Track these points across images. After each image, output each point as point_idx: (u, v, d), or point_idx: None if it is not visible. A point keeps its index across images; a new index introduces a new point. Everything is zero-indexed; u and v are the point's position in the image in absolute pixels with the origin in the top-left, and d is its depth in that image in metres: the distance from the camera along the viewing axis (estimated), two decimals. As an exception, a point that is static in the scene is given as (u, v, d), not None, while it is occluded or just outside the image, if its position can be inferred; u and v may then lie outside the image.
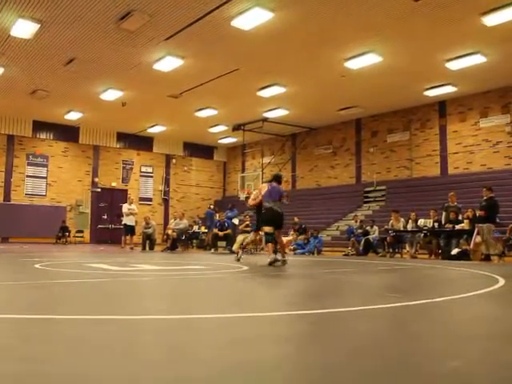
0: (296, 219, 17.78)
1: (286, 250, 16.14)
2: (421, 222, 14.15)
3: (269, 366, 1.97)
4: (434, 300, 4.13)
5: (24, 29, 12.84)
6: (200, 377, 1.82)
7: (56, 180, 23.67)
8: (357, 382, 1.78)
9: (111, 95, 18.52)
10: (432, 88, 17.52)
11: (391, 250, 14.46)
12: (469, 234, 12.57)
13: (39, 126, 23.05)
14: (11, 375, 1.78)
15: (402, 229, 14.33)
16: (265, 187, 9.53)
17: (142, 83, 17.21)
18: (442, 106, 19.27)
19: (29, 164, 23.02)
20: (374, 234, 15.21)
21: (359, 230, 15.71)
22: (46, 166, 23.43)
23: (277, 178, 9.64)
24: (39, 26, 12.67)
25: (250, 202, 10.42)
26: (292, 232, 17.11)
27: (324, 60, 14.95)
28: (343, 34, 13.12)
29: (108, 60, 15.13)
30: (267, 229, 9.39)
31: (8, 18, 12.39)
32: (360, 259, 12.55)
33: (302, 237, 16.33)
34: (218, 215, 17.49)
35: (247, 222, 16.14)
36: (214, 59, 14.97)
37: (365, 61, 14.76)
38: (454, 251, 12.29)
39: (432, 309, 3.71)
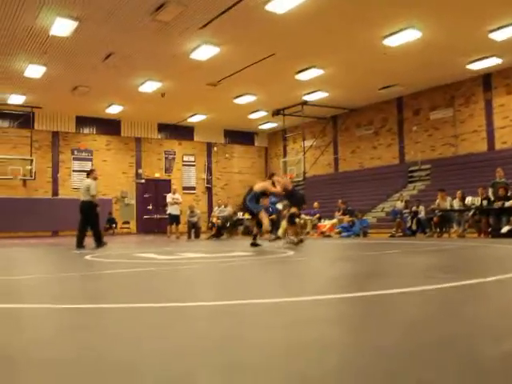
0: (340, 202, 17.64)
1: (332, 233, 16.11)
2: (468, 200, 13.84)
3: (321, 349, 1.99)
4: (485, 280, 4.06)
5: (62, 27, 13.11)
6: (253, 362, 1.85)
7: (101, 173, 24.18)
8: (409, 364, 1.78)
9: (150, 87, 18.74)
10: (475, 61, 16.99)
11: (439, 230, 14.22)
12: (520, 210, 12.23)
13: (82, 121, 23.60)
14: (70, 361, 1.86)
15: (448, 208, 14.07)
16: (286, 179, 10.70)
17: (179, 73, 17.35)
18: (486, 79, 18.68)
19: (74, 159, 23.61)
20: (421, 214, 14.99)
21: (406, 210, 15.51)
22: (90, 160, 23.97)
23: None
24: (77, 23, 12.91)
25: (280, 190, 10.32)
26: (337, 213, 17.00)
27: (361, 39, 14.70)
28: (379, 10, 12.86)
29: (145, 52, 15.30)
30: (294, 209, 10.19)
31: (47, 18, 12.67)
32: (407, 240, 12.39)
33: (347, 218, 16.21)
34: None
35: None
36: (249, 45, 14.94)
37: (403, 37, 14.44)
38: (505, 229, 12.00)
39: (484, 289, 3.65)
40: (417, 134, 21.12)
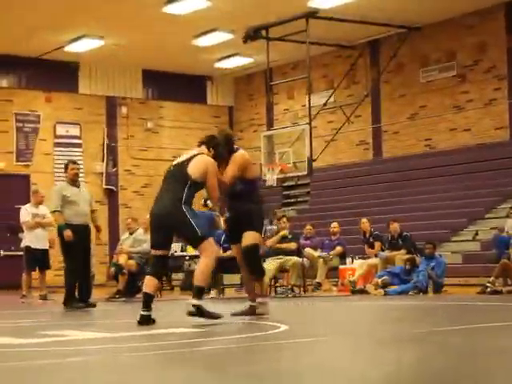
0: (364, 222, 17.49)
1: (370, 287, 16.17)
2: None
3: None
4: None
5: None
6: None
7: None
8: None
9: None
10: None
11: None
12: None
13: None
14: None
15: None
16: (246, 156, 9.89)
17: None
18: None
19: None
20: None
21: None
22: None
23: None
24: None
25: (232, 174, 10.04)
26: (375, 246, 16.95)
27: None
28: None
29: None
30: (257, 236, 9.81)
31: None
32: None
33: (402, 256, 16.12)
34: (222, 219, 17.51)
35: (284, 232, 16.12)
36: None
37: None
38: None
39: None
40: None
